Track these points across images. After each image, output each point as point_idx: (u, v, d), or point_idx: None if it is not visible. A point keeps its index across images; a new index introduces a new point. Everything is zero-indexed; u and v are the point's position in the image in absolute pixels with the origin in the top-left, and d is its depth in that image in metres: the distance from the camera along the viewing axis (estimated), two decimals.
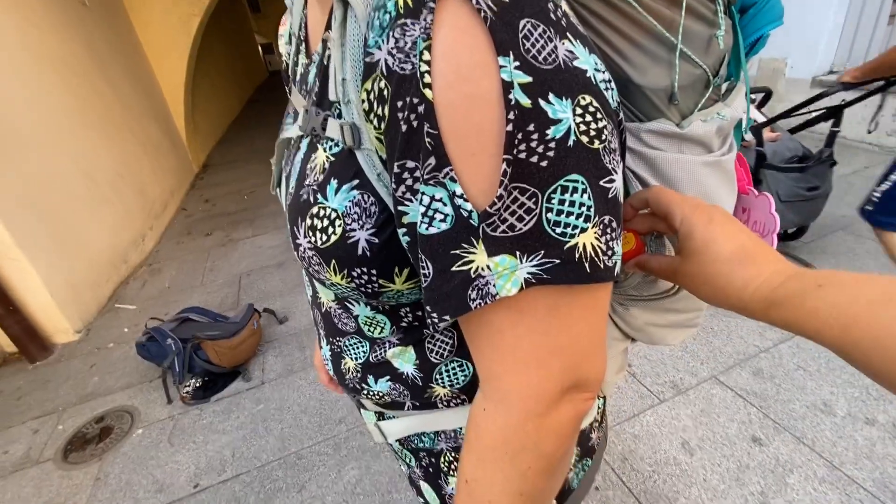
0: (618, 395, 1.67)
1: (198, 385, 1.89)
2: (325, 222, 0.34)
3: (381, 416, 0.52)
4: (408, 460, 0.55)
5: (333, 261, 0.35)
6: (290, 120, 0.44)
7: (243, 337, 1.96)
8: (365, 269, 0.34)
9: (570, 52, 0.27)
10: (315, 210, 0.34)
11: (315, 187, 0.35)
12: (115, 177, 3.20)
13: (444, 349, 0.42)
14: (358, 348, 0.45)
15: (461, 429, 0.48)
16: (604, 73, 0.29)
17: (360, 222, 0.33)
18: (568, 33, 0.27)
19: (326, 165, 0.34)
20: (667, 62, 0.39)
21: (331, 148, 0.34)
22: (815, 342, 0.30)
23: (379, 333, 0.43)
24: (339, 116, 0.33)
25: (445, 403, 0.46)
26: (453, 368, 0.43)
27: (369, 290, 0.36)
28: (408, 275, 0.35)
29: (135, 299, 2.74)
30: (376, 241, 0.33)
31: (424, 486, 0.56)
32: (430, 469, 0.52)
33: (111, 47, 3.66)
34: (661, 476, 1.40)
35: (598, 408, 0.54)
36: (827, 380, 1.62)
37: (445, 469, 0.51)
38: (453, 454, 0.50)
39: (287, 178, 0.41)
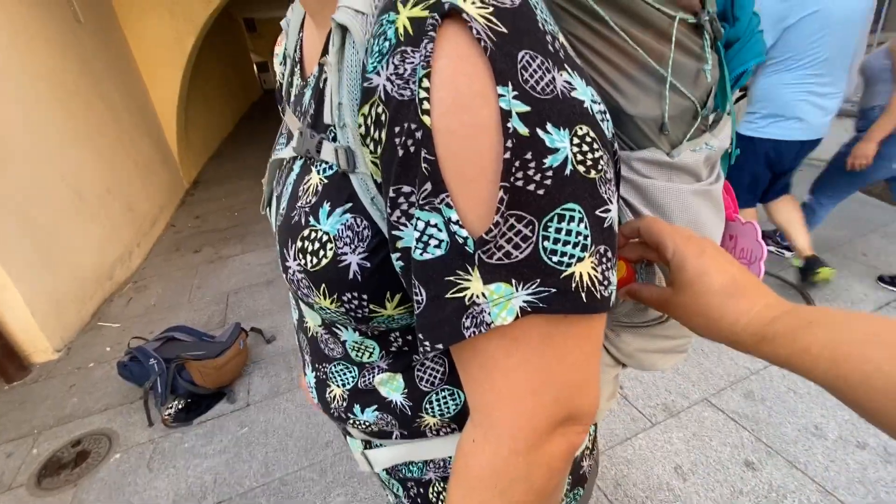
0: (610, 418, 1.65)
1: (180, 407, 1.84)
2: (317, 245, 0.34)
3: (367, 445, 0.51)
4: (395, 489, 0.54)
5: (323, 284, 0.34)
6: (283, 140, 0.44)
7: (229, 357, 1.92)
8: (356, 294, 0.34)
9: (568, 83, 0.27)
10: (306, 232, 0.34)
11: (307, 209, 0.34)
12: (103, 192, 3.16)
13: (435, 377, 0.41)
14: (345, 374, 0.44)
15: (451, 458, 0.46)
16: (600, 104, 0.30)
17: (353, 246, 0.33)
18: (566, 65, 0.27)
19: (320, 188, 0.34)
20: (657, 93, 0.40)
21: (324, 171, 0.34)
22: (806, 378, 0.31)
23: (368, 358, 0.42)
24: (334, 140, 0.33)
25: (435, 432, 0.44)
26: (444, 397, 0.42)
27: (359, 315, 0.35)
28: (399, 300, 0.35)
29: (119, 317, 2.68)
30: (368, 265, 0.33)
31: None
32: (419, 499, 0.51)
33: (105, 62, 3.67)
34: (655, 502, 1.37)
35: (590, 434, 0.53)
36: (817, 402, 1.62)
37: (433, 499, 0.50)
38: (442, 484, 0.49)
39: (278, 199, 0.40)
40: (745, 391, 1.71)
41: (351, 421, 0.46)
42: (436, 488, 0.49)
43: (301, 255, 0.34)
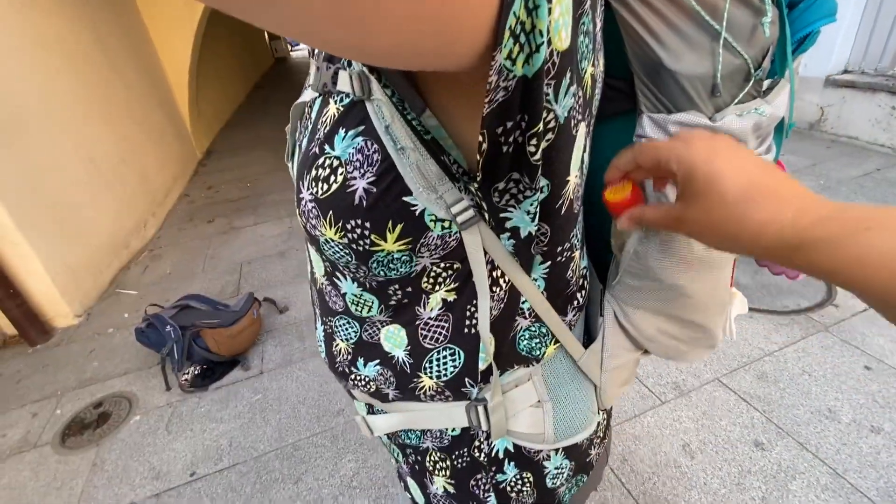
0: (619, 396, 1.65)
1: (196, 373, 1.89)
2: (328, 171, 0.34)
3: (370, 409, 0.52)
4: (396, 455, 0.56)
5: (331, 212, 0.34)
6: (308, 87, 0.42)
7: (243, 326, 1.95)
8: (359, 222, 0.34)
9: None
10: (321, 160, 0.34)
11: (323, 139, 0.34)
12: (117, 162, 3.18)
13: (439, 335, 0.41)
14: (348, 329, 0.44)
15: (447, 430, 0.47)
16: None
17: (361, 170, 0.32)
18: None
19: (336, 116, 0.34)
20: (704, 49, 0.36)
21: (341, 100, 0.34)
22: (853, 291, 0.26)
23: (367, 313, 0.41)
24: (349, 65, 0.33)
25: (428, 397, 0.44)
26: (444, 357, 0.42)
27: (360, 249, 0.35)
28: (400, 233, 0.34)
29: (136, 285, 2.73)
30: (374, 189, 0.32)
31: (411, 482, 0.56)
32: (416, 466, 0.52)
33: (116, 32, 3.62)
34: (661, 478, 1.38)
35: (600, 423, 0.52)
36: (832, 386, 1.60)
37: (431, 468, 0.51)
38: (438, 454, 0.49)
39: (300, 146, 0.40)
40: (758, 372, 1.69)
41: (352, 377, 0.46)
42: (432, 458, 0.50)
43: (314, 184, 0.34)
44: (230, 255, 2.94)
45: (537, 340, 0.43)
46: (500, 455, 0.47)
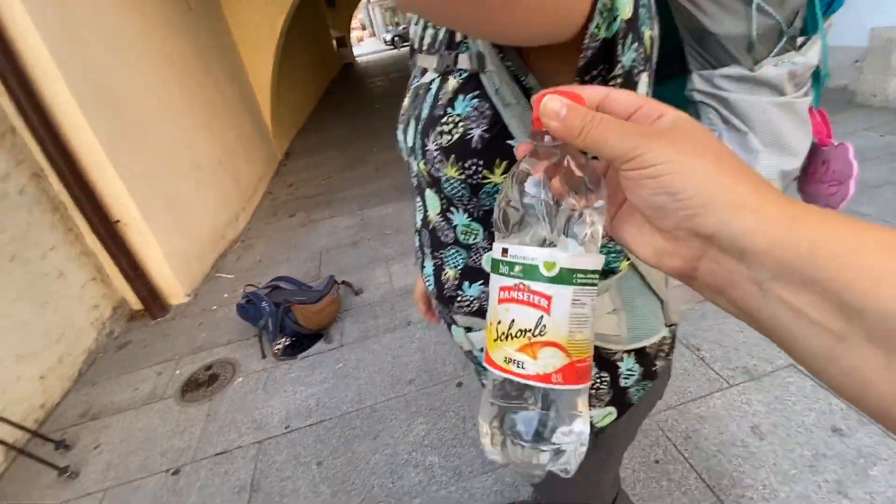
0: (683, 377, 1.66)
1: (287, 344, 2.14)
2: (451, 126, 0.45)
3: (468, 330, 0.61)
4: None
5: (452, 155, 0.45)
6: (418, 77, 0.55)
7: (325, 303, 2.18)
8: (474, 160, 0.45)
9: None
10: (444, 119, 0.46)
11: (446, 103, 0.46)
12: (216, 163, 3.61)
13: None
14: (456, 257, 0.55)
15: None
16: None
17: (477, 123, 0.44)
18: None
19: (456, 87, 0.46)
20: (740, 13, 0.45)
21: (460, 75, 0.46)
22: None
23: (473, 240, 0.52)
24: (467, 49, 0.44)
25: None
26: None
27: (474, 182, 0.46)
28: (504, 167, 0.45)
29: (232, 270, 3.10)
30: (486, 136, 0.43)
31: None
32: None
33: (213, 47, 4.10)
34: (727, 456, 1.39)
35: (666, 337, 0.59)
36: None
37: None
38: None
39: (416, 118, 0.52)
40: None
41: (458, 298, 0.56)
42: None
43: (439, 137, 0.46)
44: (310, 245, 3.24)
45: (614, 255, 0.52)
46: None
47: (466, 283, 0.55)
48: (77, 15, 2.43)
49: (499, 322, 0.29)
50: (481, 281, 0.54)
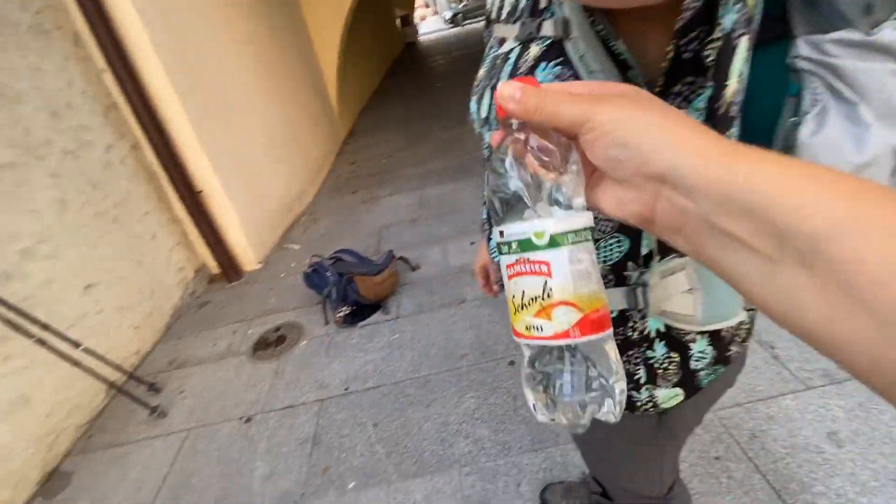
0: (753, 373, 1.57)
1: (348, 312, 2.26)
2: None
3: None
4: None
5: None
6: (495, 48, 0.55)
7: (384, 276, 2.26)
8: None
9: None
10: None
11: (526, 71, 0.47)
12: (288, 141, 3.81)
13: (607, 227, 0.50)
14: None
15: (616, 311, 0.54)
16: None
17: None
18: None
19: (538, 54, 0.46)
20: None
21: (543, 42, 0.46)
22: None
23: None
24: (552, 16, 0.44)
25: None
26: (611, 245, 0.50)
27: None
28: None
29: (299, 241, 3.29)
30: None
31: None
32: None
33: (286, 30, 4.27)
34: (797, 461, 1.30)
35: (744, 321, 0.56)
36: None
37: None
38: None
39: (493, 88, 0.52)
40: None
41: None
42: None
43: None
44: (371, 221, 3.36)
45: None
46: (652, 334, 0.53)
47: None
48: None
49: (513, 296, 0.31)
50: None
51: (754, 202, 0.22)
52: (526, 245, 0.30)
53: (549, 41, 0.45)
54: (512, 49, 0.50)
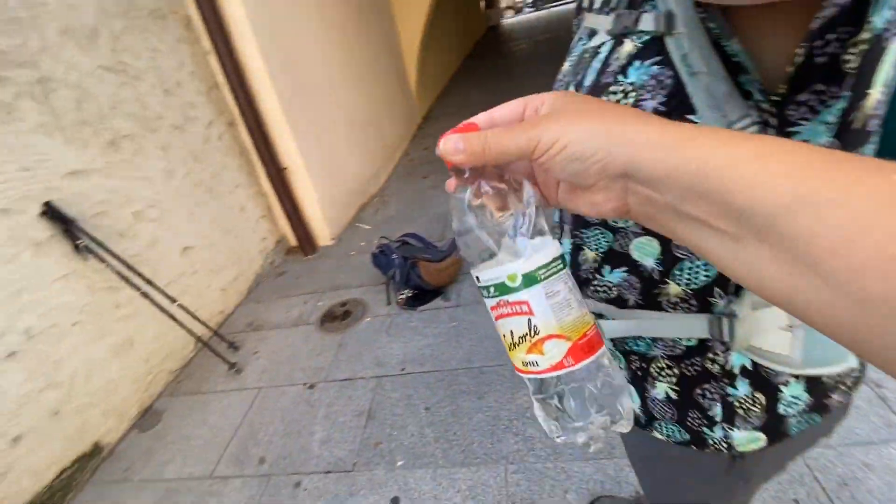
0: (853, 413, 1.37)
1: (409, 295, 2.31)
2: (620, 95, 0.41)
3: (599, 317, 0.56)
4: (617, 362, 0.58)
5: None
6: (583, 42, 0.51)
7: (448, 264, 2.28)
8: None
9: None
10: (612, 88, 0.42)
11: (617, 70, 0.43)
12: (366, 123, 3.93)
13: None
14: (600, 239, 0.51)
15: (681, 340, 0.49)
16: None
17: (652, 93, 0.39)
18: None
19: (633, 52, 0.42)
20: None
21: (639, 38, 0.41)
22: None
23: (623, 223, 0.48)
24: (654, 8, 0.40)
25: (672, 305, 0.47)
26: (696, 267, 0.44)
27: None
28: None
29: (369, 221, 3.41)
30: (662, 108, 0.39)
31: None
32: (639, 373, 0.55)
33: (372, 11, 4.36)
34: None
35: (854, 369, 0.49)
36: None
37: (655, 374, 0.53)
38: (666, 362, 0.52)
39: (577, 85, 0.49)
40: None
41: (595, 283, 0.53)
42: (658, 364, 0.53)
43: None
44: (438, 207, 3.38)
45: None
46: (736, 370, 0.48)
47: (607, 268, 0.51)
48: None
49: (503, 336, 0.33)
50: (625, 268, 0.49)
51: (710, 188, 0.23)
52: (502, 289, 0.31)
53: (647, 37, 0.40)
54: (603, 43, 0.46)
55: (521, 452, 1.49)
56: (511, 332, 0.32)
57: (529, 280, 0.30)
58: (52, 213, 1.72)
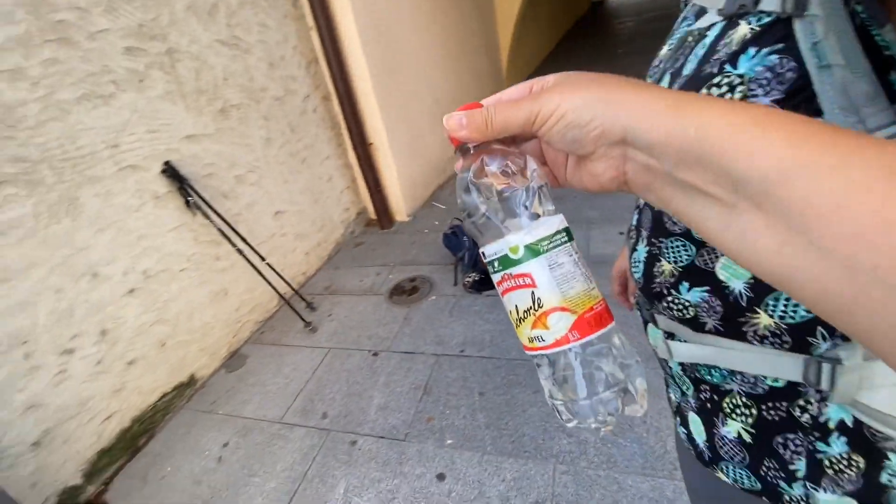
0: None
1: (476, 279, 2.31)
2: (725, 89, 0.35)
3: (669, 337, 0.50)
4: (684, 387, 0.52)
5: None
6: (688, 22, 0.45)
7: None
8: None
9: None
10: (717, 79, 0.36)
11: (724, 59, 0.36)
12: (452, 102, 3.92)
13: None
14: (680, 251, 0.44)
15: (765, 378, 0.42)
16: None
17: (767, 88, 0.33)
18: None
19: (748, 37, 0.35)
20: None
21: (758, 20, 0.35)
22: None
23: None
24: None
25: (759, 338, 0.40)
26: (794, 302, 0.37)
27: None
28: None
29: (445, 202, 3.45)
30: (778, 107, 0.33)
31: (693, 416, 0.52)
32: (709, 404, 0.49)
33: None
34: None
35: None
36: None
37: (728, 410, 0.47)
38: (744, 399, 0.45)
39: (673, 74, 0.43)
40: None
41: (669, 299, 0.47)
42: (734, 400, 0.46)
43: None
44: None
45: None
46: (831, 425, 0.41)
47: (685, 285, 0.45)
48: None
49: (510, 312, 0.33)
50: (707, 287, 0.43)
51: (707, 152, 0.23)
52: (506, 261, 0.31)
53: (769, 18, 0.34)
54: (712, 25, 0.40)
55: (573, 455, 1.45)
56: (516, 306, 0.31)
57: (532, 252, 0.30)
58: (170, 171, 1.95)
